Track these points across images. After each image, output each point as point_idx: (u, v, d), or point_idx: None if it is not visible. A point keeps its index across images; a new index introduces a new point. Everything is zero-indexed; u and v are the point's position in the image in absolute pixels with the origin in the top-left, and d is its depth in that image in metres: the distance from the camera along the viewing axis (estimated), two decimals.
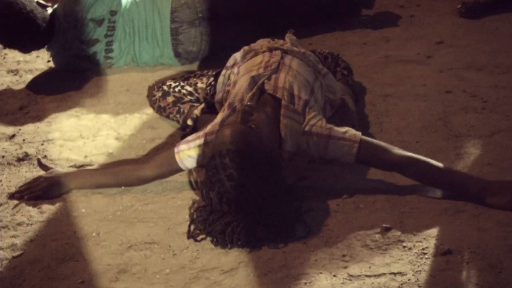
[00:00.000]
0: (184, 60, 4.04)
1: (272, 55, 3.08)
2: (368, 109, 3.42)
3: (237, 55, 3.24)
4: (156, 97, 3.52)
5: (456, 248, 2.52)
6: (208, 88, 3.41)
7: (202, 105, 3.37)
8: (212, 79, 3.42)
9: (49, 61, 4.20)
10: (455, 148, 3.07)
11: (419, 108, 3.38)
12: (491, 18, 4.13)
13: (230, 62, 3.26)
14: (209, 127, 2.89)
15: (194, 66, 4.03)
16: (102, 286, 2.55)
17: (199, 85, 3.47)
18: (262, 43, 3.25)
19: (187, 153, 2.90)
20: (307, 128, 2.83)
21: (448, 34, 4.03)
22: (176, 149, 2.92)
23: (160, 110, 3.52)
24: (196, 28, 3.97)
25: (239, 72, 3.08)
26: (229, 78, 3.18)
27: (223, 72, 3.26)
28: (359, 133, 2.81)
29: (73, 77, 4.03)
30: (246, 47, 3.25)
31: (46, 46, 4.04)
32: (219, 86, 3.24)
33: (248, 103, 2.84)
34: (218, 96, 3.22)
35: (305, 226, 2.71)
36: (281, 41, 3.26)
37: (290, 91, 2.89)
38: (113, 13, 3.96)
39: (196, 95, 3.45)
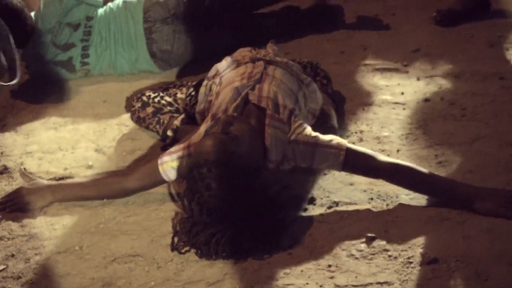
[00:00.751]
0: (160, 61, 4.03)
1: (255, 65, 3.08)
2: (348, 118, 3.43)
3: (219, 66, 3.23)
4: (136, 108, 3.50)
5: (442, 256, 2.53)
6: (187, 99, 3.40)
7: (182, 116, 3.36)
8: (192, 89, 3.41)
9: (25, 72, 4.16)
10: (436, 156, 3.08)
11: (398, 116, 3.40)
12: (466, 26, 4.16)
13: (211, 72, 3.25)
14: (193, 138, 2.88)
15: (173, 77, 4.01)
16: None
17: (179, 95, 3.45)
18: (244, 53, 3.24)
19: (171, 165, 2.88)
20: (293, 137, 2.83)
21: (424, 42, 4.05)
22: (159, 161, 2.91)
23: (139, 121, 3.50)
24: (168, 26, 3.98)
25: (222, 83, 3.07)
26: (211, 89, 3.17)
27: (205, 82, 3.24)
28: (344, 141, 2.82)
29: (50, 89, 4.00)
30: (228, 57, 3.25)
31: (21, 54, 4.01)
32: (200, 97, 3.23)
33: (230, 113, 2.83)
34: (200, 106, 3.21)
35: (290, 237, 2.70)
36: (263, 51, 3.25)
37: (274, 100, 2.89)
38: (89, 18, 3.97)
39: (176, 105, 3.44)
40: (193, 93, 3.39)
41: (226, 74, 3.11)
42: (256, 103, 2.90)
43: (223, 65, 3.22)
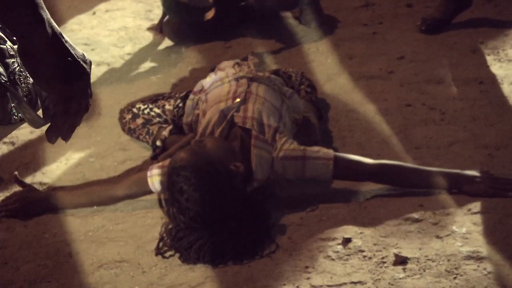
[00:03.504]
0: None
1: (238, 84, 3.19)
2: (331, 125, 3.52)
3: (204, 82, 3.36)
4: (126, 119, 3.61)
5: (414, 256, 2.62)
6: (175, 110, 3.50)
7: (170, 127, 3.46)
8: (179, 101, 3.51)
9: None
10: (415, 159, 3.16)
11: (380, 122, 3.48)
12: (449, 33, 4.23)
13: (197, 87, 3.37)
14: None
15: (166, 88, 4.11)
16: None
17: (167, 107, 3.56)
18: (227, 69, 3.35)
19: (159, 178, 2.99)
20: (281, 154, 2.93)
21: (409, 50, 4.13)
22: (149, 173, 3.02)
23: (130, 132, 3.61)
24: None
25: (208, 100, 3.18)
26: (197, 103, 3.28)
27: (191, 96, 3.36)
28: (331, 151, 2.93)
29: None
30: (211, 74, 3.37)
31: None
32: (187, 110, 3.35)
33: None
34: (187, 119, 3.32)
35: (271, 241, 2.80)
36: (245, 66, 3.36)
37: (259, 120, 3.00)
38: None
39: (164, 116, 3.54)
40: (180, 104, 3.49)
41: (211, 92, 3.22)
42: (242, 125, 3.01)
43: (208, 81, 3.33)
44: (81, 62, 1.52)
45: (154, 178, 2.99)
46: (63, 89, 1.52)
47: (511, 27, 4.22)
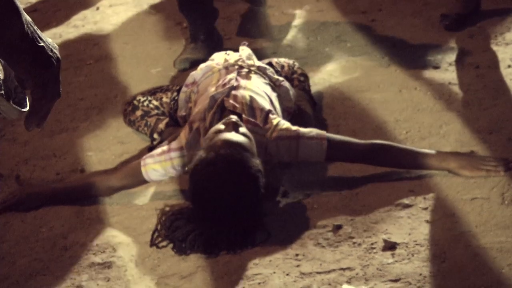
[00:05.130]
0: None
1: (228, 72, 3.21)
2: (326, 113, 3.53)
3: (195, 74, 3.37)
4: (127, 111, 3.65)
5: (403, 241, 2.63)
6: (171, 103, 3.53)
7: (166, 119, 3.49)
8: (175, 94, 3.54)
9: None
10: (408, 144, 3.16)
11: (375, 109, 3.49)
12: None
13: (188, 80, 3.39)
14: (173, 144, 3.03)
15: (163, 81, 4.13)
16: None
17: (164, 99, 3.58)
18: (218, 60, 3.37)
19: (152, 167, 3.02)
20: (274, 134, 2.95)
21: (407, 36, 4.12)
22: (142, 162, 3.05)
23: (130, 124, 3.64)
24: None
25: (199, 91, 3.21)
26: (190, 96, 3.30)
27: (184, 89, 3.39)
28: (324, 132, 2.96)
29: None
30: (202, 65, 3.38)
31: None
32: (180, 103, 3.38)
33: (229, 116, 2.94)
34: (181, 111, 3.35)
35: (265, 232, 2.80)
36: (236, 55, 3.37)
37: (249, 105, 3.02)
38: None
39: (162, 109, 3.57)
40: (176, 97, 3.51)
41: (202, 82, 3.25)
42: (232, 109, 3.02)
43: (199, 73, 3.35)
44: (53, 49, 1.56)
45: (148, 167, 3.03)
46: (41, 75, 1.55)
47: (508, 12, 4.20)
